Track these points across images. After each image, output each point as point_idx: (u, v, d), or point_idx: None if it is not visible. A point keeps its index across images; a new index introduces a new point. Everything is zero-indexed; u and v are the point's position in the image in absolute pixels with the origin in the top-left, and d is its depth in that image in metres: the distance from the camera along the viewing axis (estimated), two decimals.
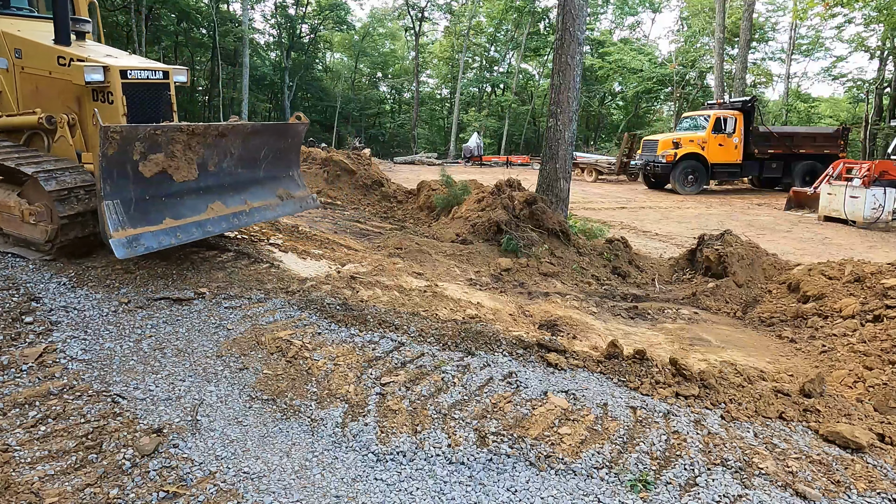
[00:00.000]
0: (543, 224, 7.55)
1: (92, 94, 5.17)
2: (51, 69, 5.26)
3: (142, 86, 5.36)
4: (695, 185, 18.27)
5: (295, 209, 5.97)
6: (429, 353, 3.68)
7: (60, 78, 5.21)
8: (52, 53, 5.24)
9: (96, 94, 5.18)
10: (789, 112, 35.62)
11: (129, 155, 4.27)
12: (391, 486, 2.50)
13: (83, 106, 5.25)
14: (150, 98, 5.49)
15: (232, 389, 3.16)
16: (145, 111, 5.41)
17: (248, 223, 5.44)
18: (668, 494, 2.55)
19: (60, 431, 2.70)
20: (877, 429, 3.17)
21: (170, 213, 4.66)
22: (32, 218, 4.81)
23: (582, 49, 8.27)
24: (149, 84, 5.43)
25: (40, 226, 4.82)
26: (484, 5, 39.63)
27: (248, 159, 5.38)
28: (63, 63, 5.20)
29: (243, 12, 35.36)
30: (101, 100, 5.17)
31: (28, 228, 4.89)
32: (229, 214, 5.13)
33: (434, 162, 29.63)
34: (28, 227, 4.89)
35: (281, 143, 5.73)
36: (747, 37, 24.19)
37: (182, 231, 4.63)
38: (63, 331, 3.65)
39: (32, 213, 4.80)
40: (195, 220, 4.80)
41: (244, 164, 5.34)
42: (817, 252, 9.00)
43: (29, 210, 4.81)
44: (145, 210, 4.47)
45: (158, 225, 4.51)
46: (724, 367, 4.07)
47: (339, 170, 11.58)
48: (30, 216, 4.81)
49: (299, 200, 5.96)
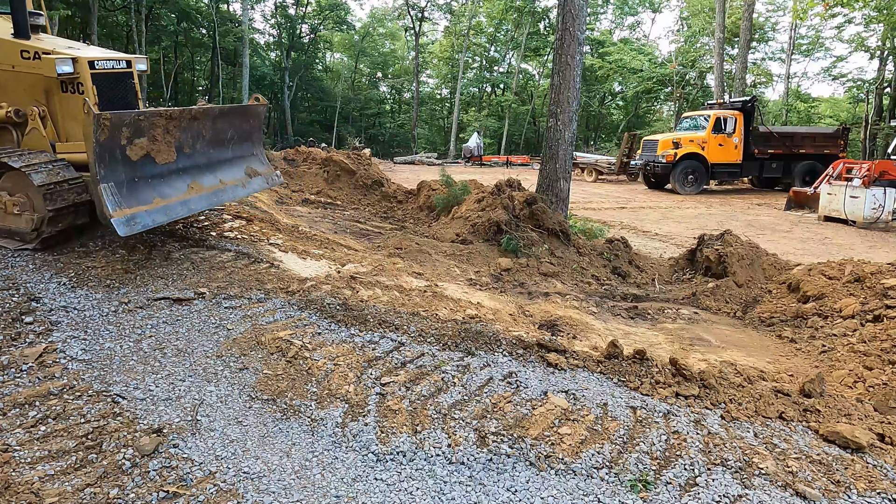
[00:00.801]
0: (543, 224, 7.55)
1: (61, 85, 5.27)
2: (14, 63, 5.31)
3: (108, 76, 5.51)
4: (695, 185, 18.26)
5: (262, 185, 6.30)
6: (429, 353, 3.68)
7: (26, 72, 5.28)
8: (14, 48, 5.29)
9: (65, 86, 5.28)
10: (789, 112, 35.62)
11: (118, 140, 4.51)
12: (391, 486, 2.50)
13: (51, 98, 5.34)
14: (117, 87, 5.65)
15: (232, 389, 3.16)
16: (113, 100, 5.57)
17: (225, 200, 5.84)
18: (668, 494, 2.55)
19: (60, 431, 2.70)
20: (877, 429, 3.17)
21: (156, 193, 4.96)
22: (17, 209, 4.97)
23: (582, 49, 8.27)
24: (115, 74, 5.60)
25: (25, 215, 4.97)
26: (484, 5, 39.62)
27: (218, 140, 5.69)
28: (27, 57, 5.26)
29: (243, 12, 35.37)
30: (71, 91, 5.29)
31: (11, 219, 5.04)
32: (208, 193, 5.45)
33: (434, 162, 29.64)
34: (11, 218, 5.03)
35: (245, 124, 6.06)
36: (747, 37, 24.18)
37: (170, 209, 4.97)
38: (63, 331, 3.65)
39: (16, 204, 4.96)
40: (180, 199, 5.12)
41: (215, 145, 5.65)
42: (817, 252, 9.00)
43: (12, 201, 4.96)
44: (135, 191, 4.74)
45: (149, 205, 4.81)
46: (724, 367, 4.07)
47: (339, 170, 11.58)
48: (13, 207, 4.97)
49: (265, 177, 6.31)
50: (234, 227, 6.30)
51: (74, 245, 5.17)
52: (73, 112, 5.32)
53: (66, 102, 5.33)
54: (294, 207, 9.24)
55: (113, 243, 5.27)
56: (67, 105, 5.34)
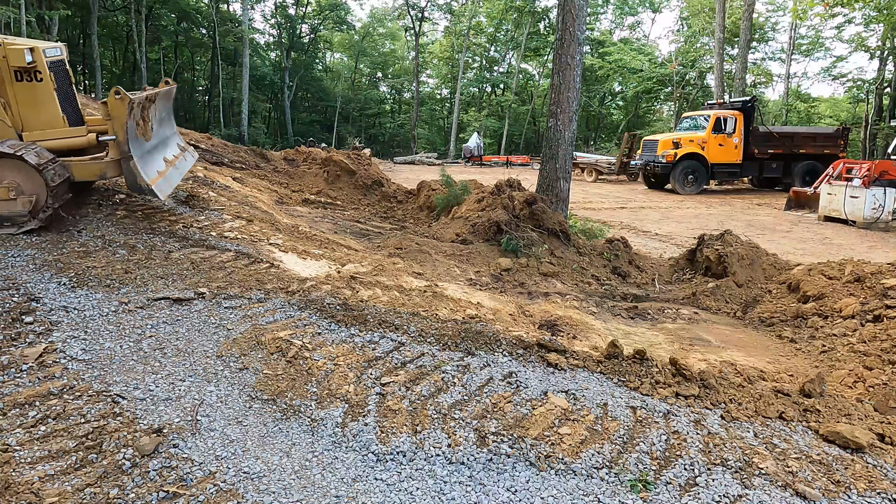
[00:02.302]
0: (543, 224, 7.55)
1: (16, 75, 5.46)
2: None
3: (53, 63, 5.77)
4: (695, 185, 18.26)
5: (192, 160, 7.18)
6: (429, 353, 3.68)
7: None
8: None
9: (20, 75, 5.47)
10: (789, 112, 35.62)
11: (134, 121, 5.41)
12: (391, 486, 2.50)
13: (5, 88, 5.49)
14: (59, 74, 5.90)
15: (232, 389, 3.16)
16: (60, 87, 5.87)
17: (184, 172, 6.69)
18: (668, 494, 2.55)
19: (60, 431, 2.70)
20: (877, 429, 3.17)
21: (156, 165, 5.83)
22: (12, 193, 5.17)
23: (582, 49, 8.27)
24: (57, 61, 5.89)
25: (21, 199, 5.19)
26: (484, 5, 39.61)
27: (161, 120, 6.50)
28: None
29: (243, 12, 35.37)
30: (27, 79, 5.51)
31: (5, 205, 5.21)
32: (175, 165, 6.33)
33: (434, 162, 29.63)
34: (5, 204, 5.20)
35: (168, 105, 6.81)
36: (747, 37, 24.19)
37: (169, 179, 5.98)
38: (63, 331, 3.65)
39: (11, 189, 5.16)
40: (167, 171, 6.02)
41: (161, 124, 6.47)
42: (817, 252, 9.00)
43: (6, 187, 5.15)
44: (145, 164, 5.57)
45: (157, 175, 5.71)
46: (724, 367, 4.07)
47: (339, 170, 11.59)
48: (9, 192, 5.16)
49: (189, 152, 7.19)
50: (234, 227, 6.30)
51: (74, 245, 5.16)
52: (29, 100, 5.56)
53: (22, 91, 5.53)
54: (294, 207, 9.24)
55: (113, 243, 5.27)
56: (24, 94, 5.54)
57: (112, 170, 5.66)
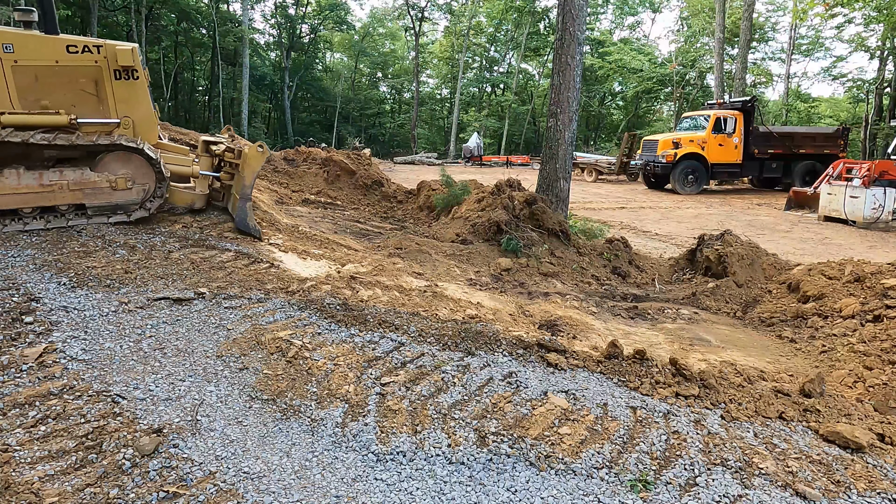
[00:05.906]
0: (543, 224, 7.55)
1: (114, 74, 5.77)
2: (58, 58, 5.51)
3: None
4: (695, 185, 18.26)
5: None
6: (429, 353, 3.68)
7: (77, 65, 5.60)
8: (57, 44, 5.49)
9: (118, 74, 5.79)
10: (789, 112, 35.62)
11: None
12: (391, 486, 2.50)
13: (102, 86, 5.77)
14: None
15: (232, 389, 3.15)
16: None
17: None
18: (668, 494, 2.55)
19: (60, 431, 2.70)
20: (877, 429, 3.17)
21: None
22: (129, 183, 5.64)
23: (582, 49, 8.26)
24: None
25: (135, 188, 5.69)
26: (484, 5, 39.62)
27: None
28: (75, 51, 5.54)
29: (243, 12, 35.38)
30: (125, 77, 5.83)
31: (121, 194, 5.64)
32: None
33: (434, 162, 29.65)
34: (121, 194, 5.64)
35: None
36: (747, 37, 24.19)
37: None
38: (63, 331, 3.65)
39: (128, 179, 5.63)
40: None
41: None
42: (817, 252, 9.00)
43: (122, 177, 5.59)
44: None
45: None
46: (724, 367, 4.07)
47: (339, 170, 11.58)
48: (126, 182, 5.61)
49: None
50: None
51: (74, 245, 5.16)
52: (127, 97, 5.86)
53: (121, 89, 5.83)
54: (294, 207, 9.24)
55: (113, 243, 5.27)
56: (123, 91, 5.83)
57: (200, 202, 6.33)
